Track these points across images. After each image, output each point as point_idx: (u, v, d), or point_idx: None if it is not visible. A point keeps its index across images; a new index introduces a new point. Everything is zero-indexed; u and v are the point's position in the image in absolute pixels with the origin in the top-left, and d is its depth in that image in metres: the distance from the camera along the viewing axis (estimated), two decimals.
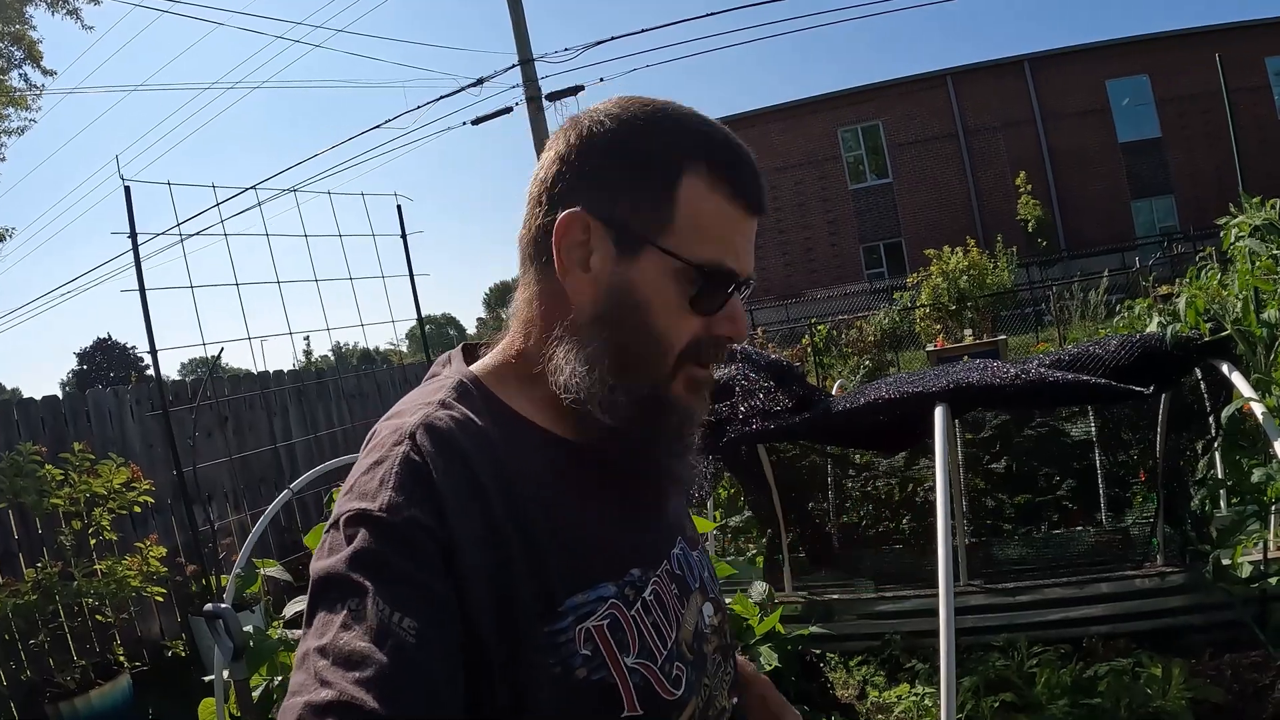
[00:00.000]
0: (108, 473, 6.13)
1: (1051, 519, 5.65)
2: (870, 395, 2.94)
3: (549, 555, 0.93)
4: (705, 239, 0.99)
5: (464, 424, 0.97)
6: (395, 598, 0.82)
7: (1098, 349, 2.94)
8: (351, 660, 0.78)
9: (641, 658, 0.97)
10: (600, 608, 0.95)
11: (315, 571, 0.88)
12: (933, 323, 16.83)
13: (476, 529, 0.89)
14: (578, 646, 0.92)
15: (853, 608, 4.73)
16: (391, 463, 0.91)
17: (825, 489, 5.96)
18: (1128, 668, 3.69)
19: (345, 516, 0.88)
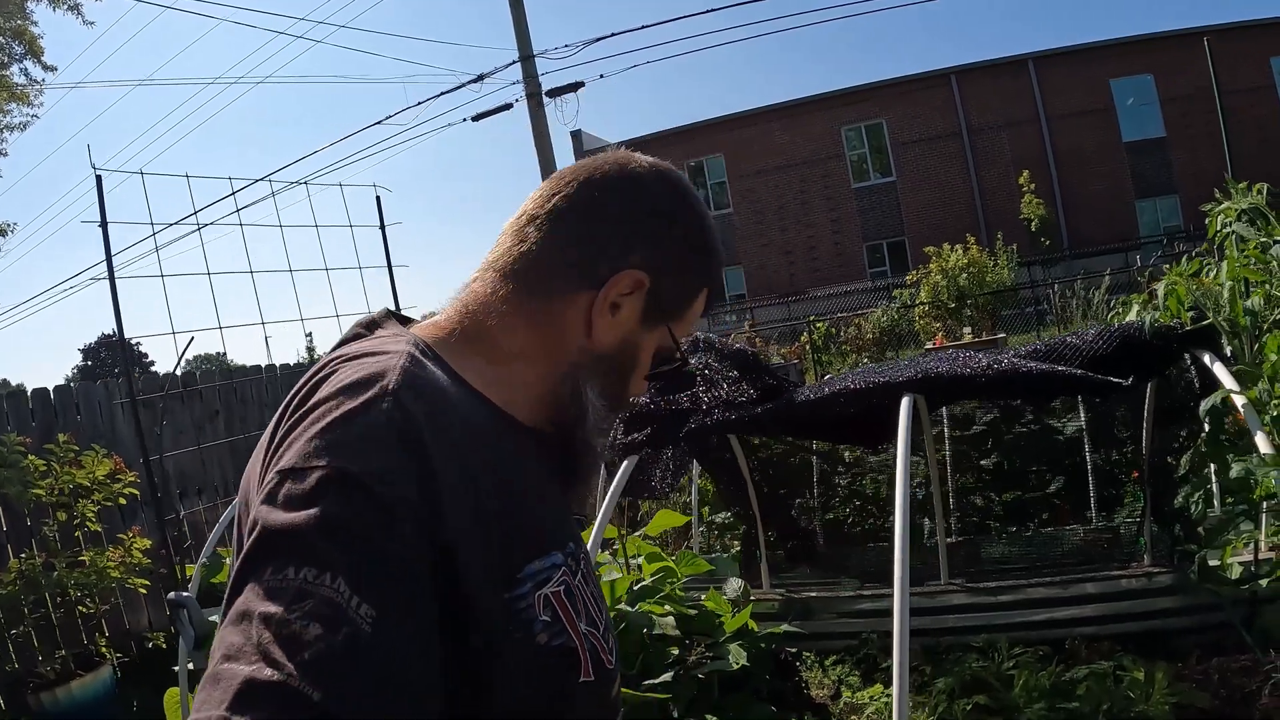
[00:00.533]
0: (91, 464, 6.09)
1: (1041, 517, 5.57)
2: (835, 386, 2.86)
3: (513, 522, 0.92)
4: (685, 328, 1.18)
5: (434, 383, 0.95)
6: (359, 579, 0.76)
7: (1075, 339, 2.86)
8: (300, 641, 0.71)
9: (589, 625, 0.99)
10: (555, 574, 0.96)
11: (269, 522, 0.80)
12: (932, 321, 16.74)
13: (464, 504, 0.86)
14: (538, 612, 0.92)
15: (831, 606, 4.65)
16: (378, 418, 0.85)
17: (811, 484, 5.89)
18: (1109, 671, 3.60)
19: (319, 469, 0.81)
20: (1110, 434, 5.67)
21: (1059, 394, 4.13)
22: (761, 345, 14.47)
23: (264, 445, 0.95)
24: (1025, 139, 29.42)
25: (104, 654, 6.14)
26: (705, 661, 3.45)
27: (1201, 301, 2.84)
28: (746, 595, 4.20)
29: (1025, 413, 6.13)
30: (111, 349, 51.23)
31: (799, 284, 31.09)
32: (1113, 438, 5.66)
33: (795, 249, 32.78)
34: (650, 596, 3.66)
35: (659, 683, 3.28)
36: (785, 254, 32.90)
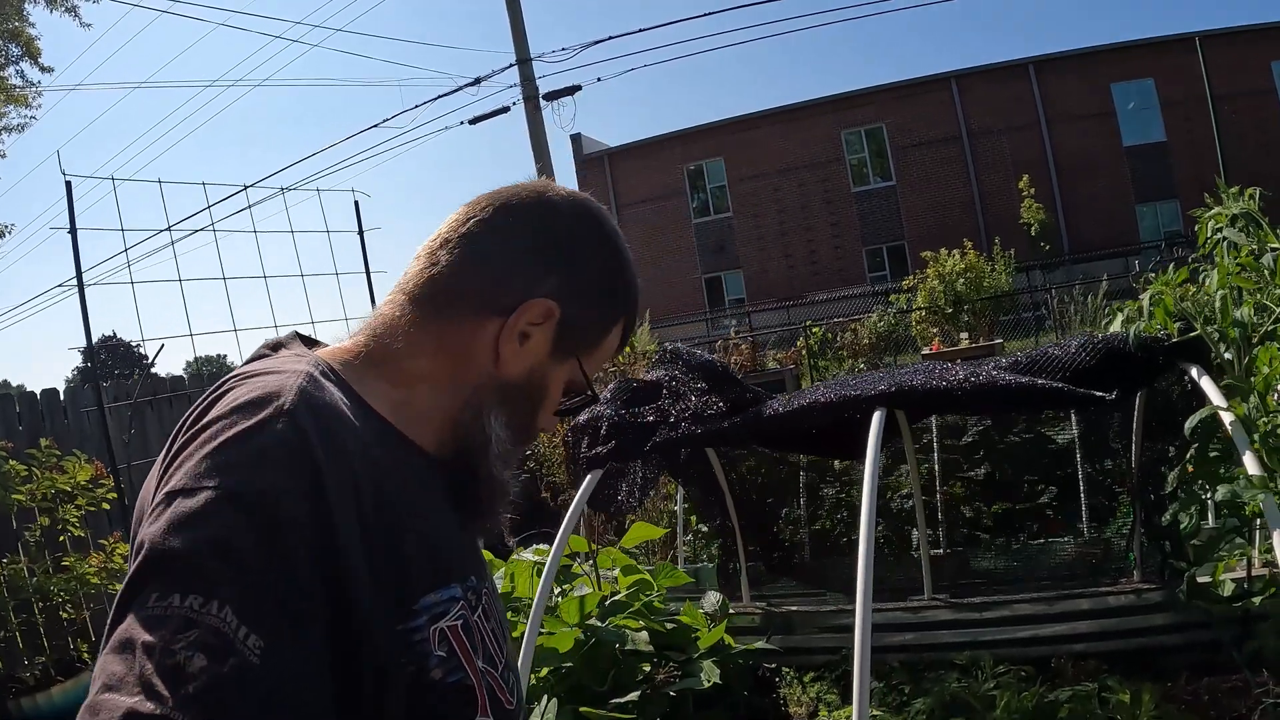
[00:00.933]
0: (73, 469, 6.05)
1: (1031, 529, 5.46)
2: (806, 398, 2.76)
3: (407, 551, 0.90)
4: (597, 364, 1.15)
5: (332, 404, 0.92)
6: (247, 607, 0.73)
7: (1057, 351, 2.76)
8: (184, 673, 0.69)
9: (486, 663, 0.96)
10: (453, 608, 0.93)
11: (156, 542, 0.77)
12: (929, 326, 16.65)
13: (355, 526, 0.84)
14: (432, 646, 0.89)
15: (813, 620, 4.55)
16: (271, 437, 0.83)
17: (798, 496, 5.79)
18: (1093, 692, 3.50)
19: (209, 489, 0.78)
20: (1104, 444, 5.56)
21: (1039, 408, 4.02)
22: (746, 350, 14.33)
23: (158, 465, 0.90)
24: (1025, 143, 29.39)
25: (85, 660, 6.08)
26: (675, 679, 3.35)
27: (1189, 312, 2.73)
28: (725, 609, 4.10)
29: (1018, 421, 6.03)
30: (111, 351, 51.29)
31: (798, 288, 31.07)
32: (1106, 448, 5.56)
33: (795, 253, 32.77)
34: (621, 612, 3.56)
35: (625, 701, 3.18)
36: (785, 258, 32.89)
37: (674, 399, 3.06)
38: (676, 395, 3.06)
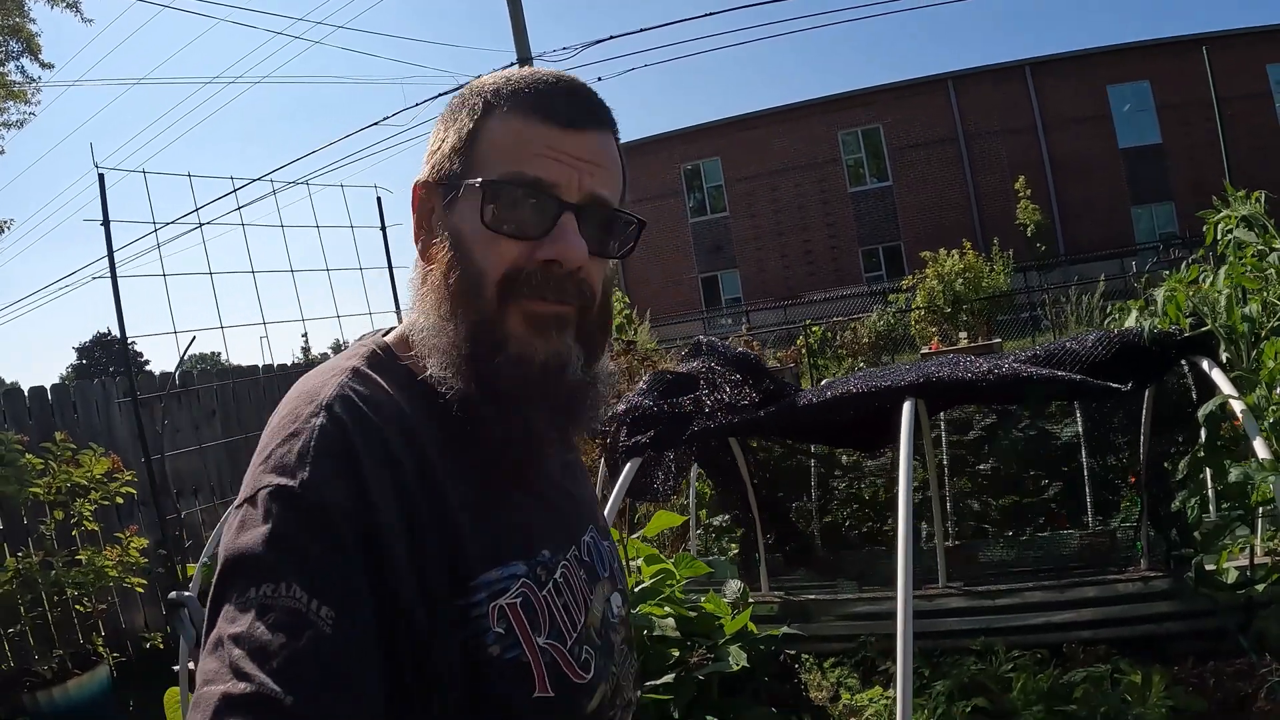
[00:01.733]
0: (89, 463, 6.09)
1: (1037, 522, 5.58)
2: (838, 390, 2.87)
3: (462, 530, 0.93)
4: (501, 159, 0.98)
5: (378, 394, 0.96)
6: (313, 584, 0.80)
7: (1074, 344, 2.87)
8: (268, 651, 0.75)
9: (551, 638, 0.97)
10: (513, 585, 0.95)
11: (228, 550, 0.84)
12: (928, 325, 16.77)
13: (394, 506, 0.88)
14: (490, 624, 0.92)
15: (829, 609, 4.66)
16: (309, 435, 0.89)
17: (809, 488, 5.90)
18: (1106, 674, 3.62)
19: (263, 492, 0.86)
20: (1106, 439, 5.68)
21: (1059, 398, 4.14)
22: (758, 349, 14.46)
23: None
24: (1022, 144, 29.45)
25: (101, 653, 6.11)
26: (706, 663, 3.46)
27: (1200, 308, 2.86)
28: (745, 597, 4.21)
29: (1022, 417, 6.15)
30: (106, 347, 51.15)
31: (795, 288, 31.11)
32: (1109, 443, 5.67)
33: (791, 253, 32.81)
34: (651, 598, 3.68)
35: (660, 684, 3.30)
36: (781, 257, 32.93)
37: (710, 390, 3.18)
38: (713, 386, 3.17)
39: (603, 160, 1.01)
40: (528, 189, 0.96)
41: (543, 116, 0.98)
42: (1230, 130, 25.80)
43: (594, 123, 1.01)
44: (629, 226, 1.06)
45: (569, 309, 1.00)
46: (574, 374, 1.01)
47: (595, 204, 0.99)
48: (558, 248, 0.96)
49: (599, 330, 1.06)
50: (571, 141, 0.98)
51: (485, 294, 0.97)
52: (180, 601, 3.21)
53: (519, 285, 0.97)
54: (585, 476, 1.29)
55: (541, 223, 0.97)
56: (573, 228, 0.97)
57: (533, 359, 0.97)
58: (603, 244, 1.02)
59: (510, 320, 0.97)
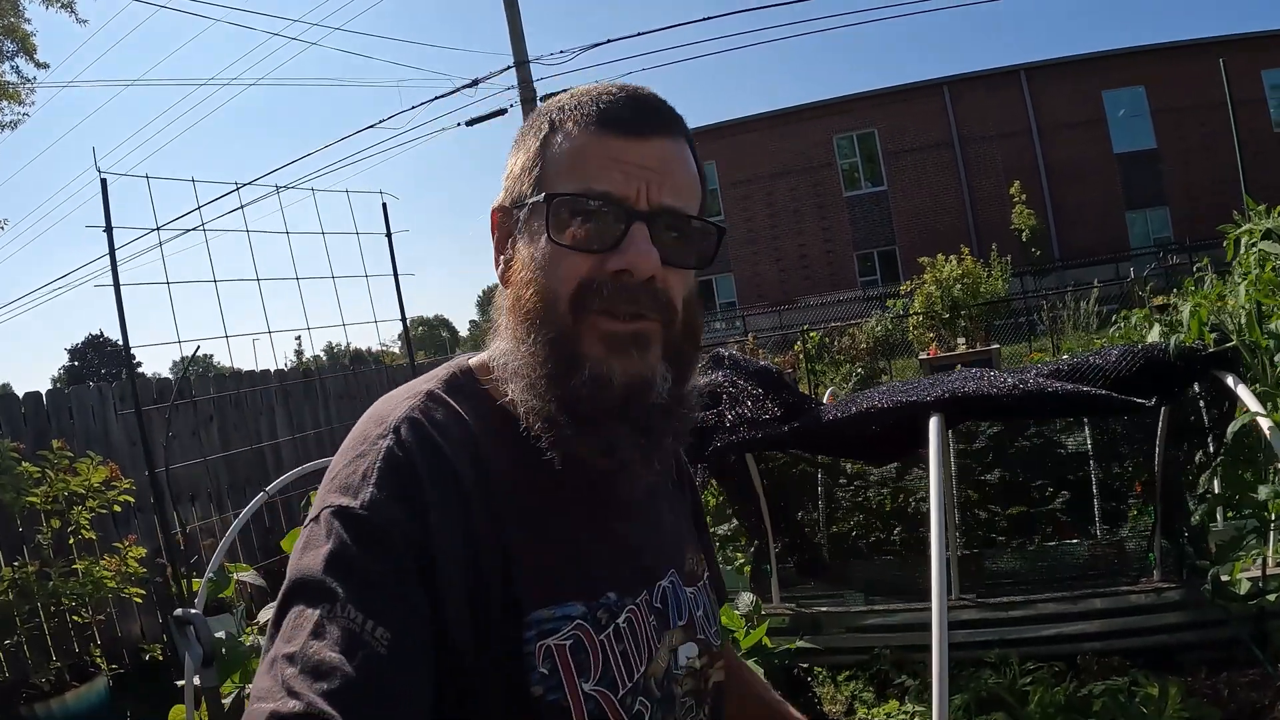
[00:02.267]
0: (86, 470, 6.05)
1: (1045, 531, 5.56)
2: (862, 404, 2.85)
3: (521, 564, 0.91)
4: (568, 174, 0.97)
5: (449, 418, 0.97)
6: (370, 605, 0.80)
7: (1098, 359, 2.85)
8: (320, 670, 0.75)
9: (601, 685, 0.94)
10: (565, 626, 0.93)
11: (292, 570, 0.85)
12: (926, 331, 16.78)
13: (456, 531, 0.88)
14: (536, 663, 0.90)
15: (841, 621, 4.63)
16: (375, 456, 0.90)
17: (815, 498, 5.87)
18: (1124, 687, 3.60)
19: (326, 511, 0.87)
20: (1113, 450, 5.67)
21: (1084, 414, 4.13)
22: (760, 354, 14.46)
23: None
24: (1017, 149, 29.57)
25: (98, 664, 6.08)
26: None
27: (1224, 323, 2.84)
28: (759, 610, 4.18)
29: (1028, 426, 6.13)
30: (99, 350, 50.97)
31: (790, 292, 31.18)
32: (1115, 453, 5.66)
33: (786, 257, 32.87)
34: None
35: None
36: (776, 262, 32.99)
37: (731, 404, 3.14)
38: (734, 400, 3.14)
39: (672, 168, 0.98)
40: (595, 201, 0.94)
41: (606, 128, 0.96)
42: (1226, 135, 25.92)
43: (660, 130, 0.99)
44: (707, 235, 1.02)
45: (650, 325, 0.97)
46: (659, 395, 0.97)
47: (666, 213, 0.97)
48: (627, 257, 0.93)
49: (687, 346, 1.03)
50: (637, 151, 0.96)
51: (559, 310, 0.95)
52: (187, 619, 3.16)
53: (591, 298, 0.94)
54: (680, 511, 1.25)
55: (611, 234, 0.94)
56: (643, 236, 0.94)
57: (610, 380, 0.94)
58: (679, 254, 0.99)
59: (586, 340, 0.95)
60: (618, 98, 0.99)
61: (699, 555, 1.22)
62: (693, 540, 1.23)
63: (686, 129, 1.04)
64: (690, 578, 1.15)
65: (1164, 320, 3.20)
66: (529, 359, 0.95)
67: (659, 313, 0.97)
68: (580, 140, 0.96)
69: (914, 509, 5.75)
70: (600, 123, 0.96)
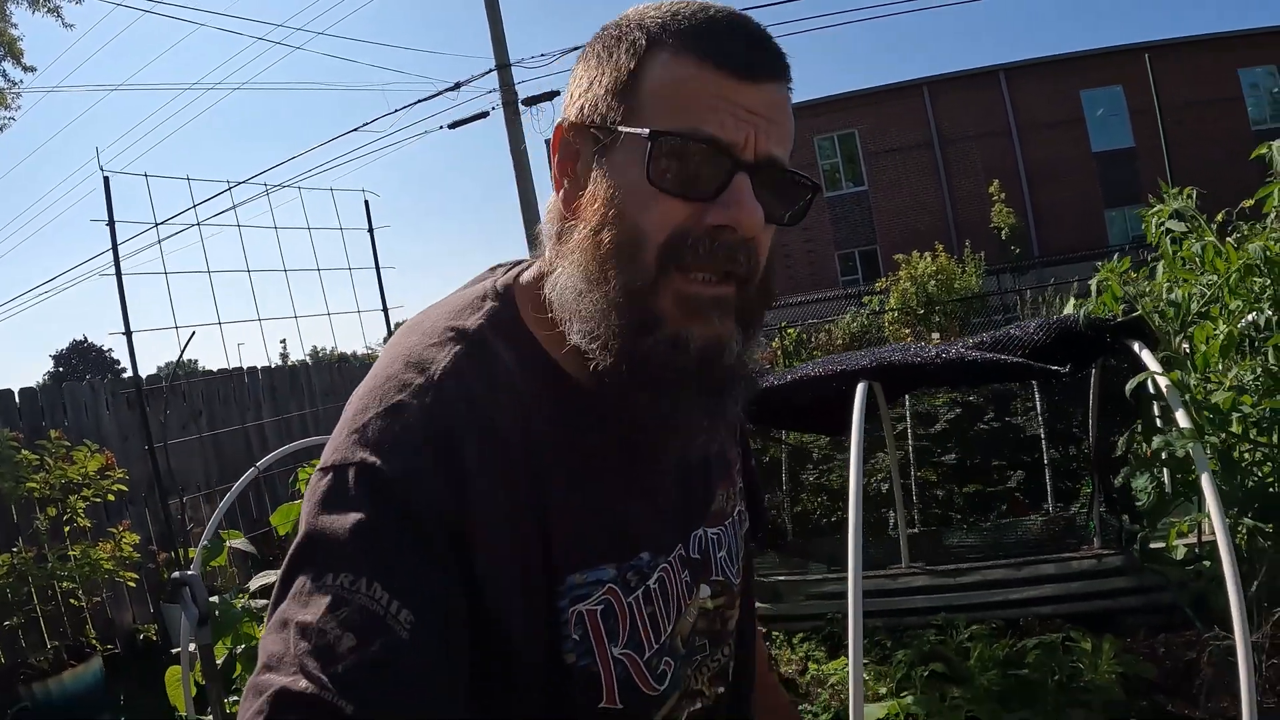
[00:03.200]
0: (83, 459, 6.22)
1: (1000, 509, 5.79)
2: (797, 374, 3.07)
3: (556, 529, 0.87)
4: (670, 108, 0.86)
5: (495, 370, 0.89)
6: (395, 583, 0.75)
7: (1017, 331, 3.07)
8: (336, 652, 0.71)
9: (628, 648, 0.91)
10: (596, 591, 0.89)
11: (310, 523, 0.79)
12: (901, 327, 16.94)
13: (499, 500, 0.83)
14: (570, 630, 0.87)
15: (799, 589, 4.86)
16: (414, 415, 0.83)
17: (780, 480, 6.10)
18: (1058, 642, 3.82)
19: (354, 467, 0.80)
20: (1067, 430, 5.91)
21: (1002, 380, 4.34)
22: None
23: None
24: (996, 149, 29.62)
25: (95, 645, 6.24)
26: None
27: (1134, 296, 3.08)
28: None
29: (987, 410, 6.38)
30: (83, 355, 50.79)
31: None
32: (1069, 434, 5.90)
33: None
34: None
35: None
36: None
37: None
38: None
39: (779, 117, 0.89)
40: (701, 145, 0.84)
41: (719, 63, 0.85)
42: (1202, 134, 26.16)
43: (773, 73, 0.89)
44: (803, 191, 0.95)
45: (729, 289, 0.89)
46: (730, 358, 0.90)
47: (771, 165, 0.88)
48: (732, 212, 0.85)
49: (759, 306, 0.95)
50: (749, 95, 0.86)
51: (644, 259, 0.86)
52: (184, 580, 3.31)
53: (684, 252, 0.86)
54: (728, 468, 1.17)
55: (714, 183, 0.86)
56: (749, 190, 0.86)
57: (688, 344, 0.86)
58: (776, 210, 0.91)
59: (663, 298, 0.86)
60: (733, 29, 0.88)
61: (730, 487, 1.16)
62: (725, 473, 1.15)
63: (791, 74, 0.94)
64: (716, 517, 1.10)
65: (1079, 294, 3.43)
66: (600, 306, 0.87)
67: (746, 272, 0.90)
68: (687, 71, 0.86)
69: (875, 490, 5.98)
70: (712, 55, 0.86)
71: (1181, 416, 2.59)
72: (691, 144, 0.84)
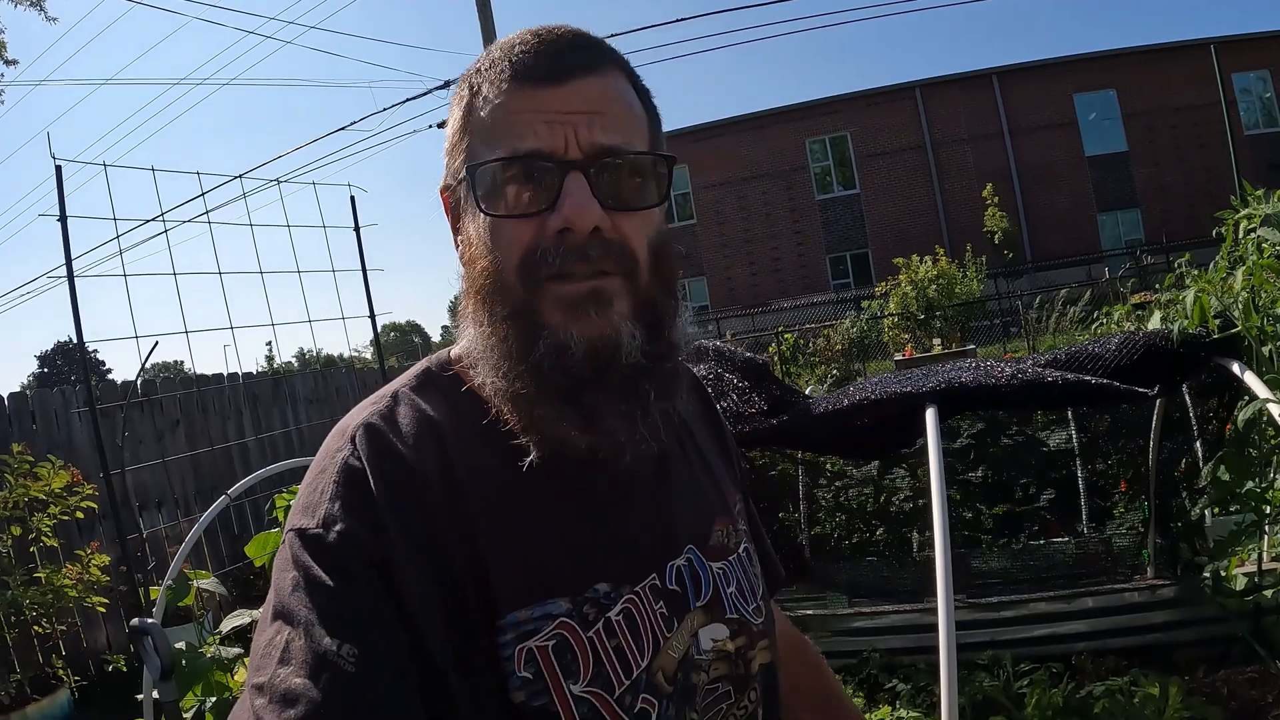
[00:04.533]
0: (47, 476, 5.90)
1: (1031, 529, 5.50)
2: (855, 396, 2.73)
3: (492, 565, 0.86)
4: (492, 141, 0.90)
5: (413, 419, 0.92)
6: (335, 623, 0.78)
7: (1096, 347, 2.75)
8: (288, 698, 0.74)
9: (594, 686, 0.87)
10: (547, 626, 0.86)
11: (269, 597, 0.84)
12: (901, 332, 16.79)
13: (419, 540, 0.83)
14: (516, 667, 0.84)
15: (826, 624, 4.52)
16: (332, 471, 0.86)
17: (796, 499, 5.77)
18: (1123, 686, 3.52)
19: (288, 535, 0.85)
20: (1096, 446, 5.62)
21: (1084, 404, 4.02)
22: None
23: None
24: (989, 152, 29.80)
25: (61, 676, 5.93)
26: None
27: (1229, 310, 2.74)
28: None
29: (1011, 424, 6.06)
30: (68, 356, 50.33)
31: (762, 295, 31.19)
32: (1099, 450, 5.61)
33: (759, 260, 32.90)
34: None
35: None
36: (749, 265, 33.01)
37: (716, 397, 3.00)
38: (719, 394, 3.00)
39: (602, 105, 0.90)
40: (520, 162, 0.87)
41: (521, 78, 0.89)
42: (1198, 137, 26.30)
43: (580, 69, 0.90)
44: (658, 168, 0.94)
45: (608, 281, 0.88)
46: (630, 354, 0.88)
47: (604, 154, 0.88)
48: (563, 212, 0.86)
49: (659, 295, 0.93)
50: (557, 97, 0.88)
51: (509, 284, 0.89)
52: (144, 629, 2.99)
53: (538, 265, 0.87)
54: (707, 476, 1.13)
55: (548, 192, 0.87)
56: (579, 186, 0.86)
57: (570, 346, 0.86)
58: (628, 195, 0.90)
59: (543, 309, 0.88)
60: (529, 44, 0.91)
61: (730, 525, 1.11)
62: (722, 510, 1.11)
63: (617, 58, 0.96)
64: (717, 552, 1.05)
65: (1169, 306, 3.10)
66: (489, 339, 0.90)
67: (617, 265, 0.89)
68: (498, 99, 0.90)
69: (896, 508, 5.67)
70: (514, 76, 0.89)
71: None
72: (510, 164, 0.88)
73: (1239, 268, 3.04)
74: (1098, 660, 3.92)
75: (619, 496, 0.97)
